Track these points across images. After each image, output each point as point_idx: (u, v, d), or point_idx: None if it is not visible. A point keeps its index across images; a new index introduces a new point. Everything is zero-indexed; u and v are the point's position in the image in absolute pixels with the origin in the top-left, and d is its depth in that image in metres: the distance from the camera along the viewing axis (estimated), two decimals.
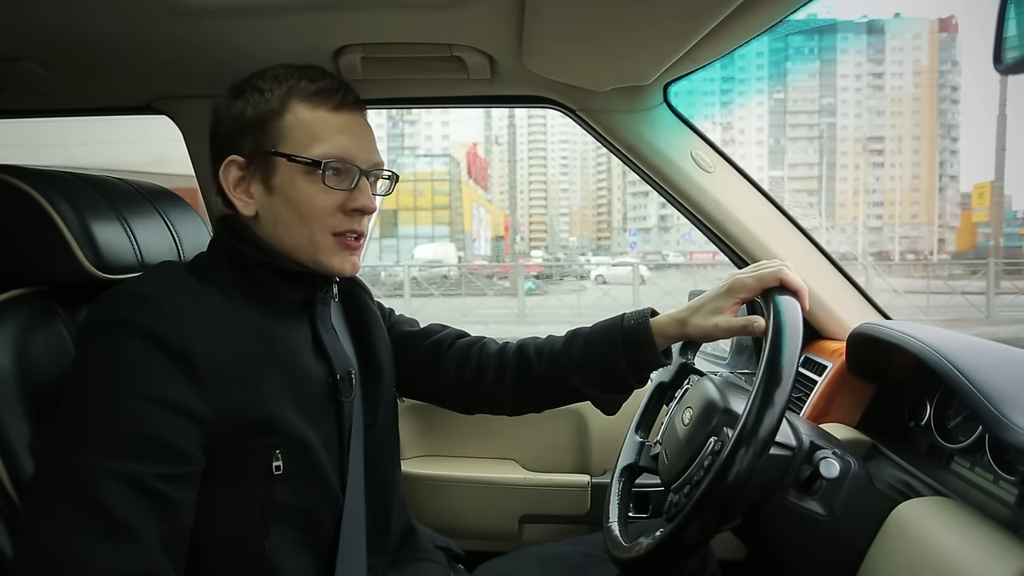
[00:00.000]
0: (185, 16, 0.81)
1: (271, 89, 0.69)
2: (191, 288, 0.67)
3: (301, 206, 0.69)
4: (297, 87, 0.69)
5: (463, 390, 0.89)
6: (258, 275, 0.70)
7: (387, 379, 0.83)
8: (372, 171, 0.72)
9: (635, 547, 0.70)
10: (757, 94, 70.51)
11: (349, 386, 0.75)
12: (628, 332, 0.81)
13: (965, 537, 0.62)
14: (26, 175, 0.72)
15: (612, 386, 0.83)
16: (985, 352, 0.76)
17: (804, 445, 0.70)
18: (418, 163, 43.41)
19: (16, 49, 0.91)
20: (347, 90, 0.71)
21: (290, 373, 0.68)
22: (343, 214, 0.70)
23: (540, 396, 0.89)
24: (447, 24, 0.87)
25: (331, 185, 0.68)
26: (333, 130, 0.69)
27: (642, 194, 69.39)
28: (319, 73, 0.71)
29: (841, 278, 1.12)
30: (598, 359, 0.82)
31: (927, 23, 62.95)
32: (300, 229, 0.69)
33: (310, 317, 0.74)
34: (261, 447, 0.65)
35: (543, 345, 0.87)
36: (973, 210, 36.86)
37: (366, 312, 0.85)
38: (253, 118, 0.69)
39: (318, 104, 0.69)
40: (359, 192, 0.70)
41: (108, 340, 0.61)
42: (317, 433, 0.69)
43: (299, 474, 0.67)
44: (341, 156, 0.69)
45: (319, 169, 0.67)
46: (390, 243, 35.18)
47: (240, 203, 0.71)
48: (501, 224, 53.66)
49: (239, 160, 0.70)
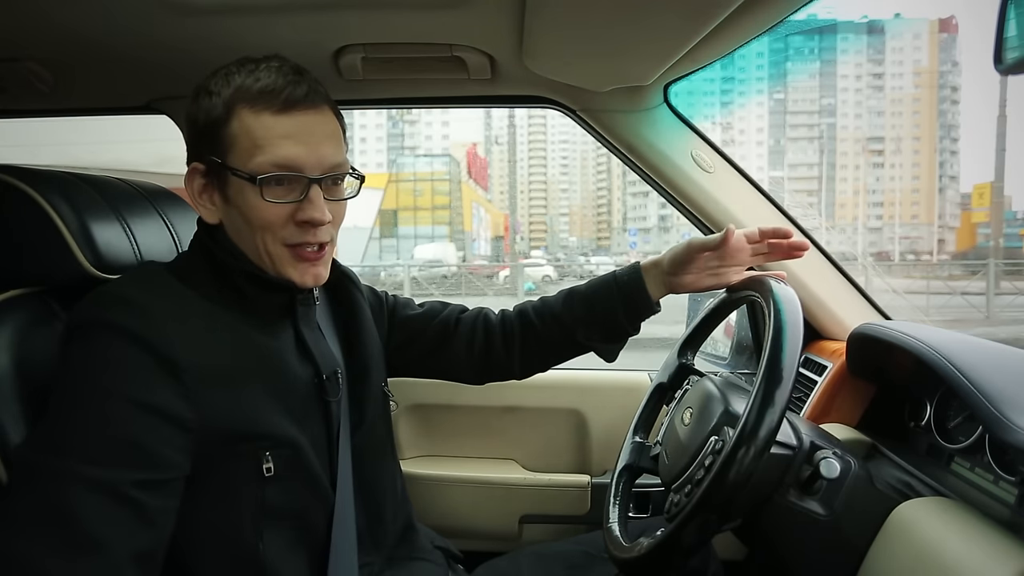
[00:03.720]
0: (185, 16, 0.81)
1: (219, 92, 0.65)
2: (175, 292, 0.66)
3: (250, 218, 0.66)
4: (242, 88, 0.64)
5: (474, 364, 0.92)
6: (237, 281, 0.68)
7: (374, 376, 0.83)
8: (327, 176, 0.67)
9: (635, 547, 0.70)
10: (757, 94, 70.60)
11: (336, 385, 0.74)
12: (623, 286, 0.86)
13: (965, 537, 0.62)
14: (25, 175, 0.72)
15: (613, 337, 0.89)
16: (985, 352, 0.76)
17: (804, 445, 0.70)
18: (418, 163, 43.39)
19: (16, 49, 0.91)
20: (296, 85, 0.65)
21: (275, 376, 0.67)
22: (294, 225, 0.66)
23: (548, 355, 0.93)
24: (447, 24, 0.87)
25: (272, 199, 0.64)
26: (277, 136, 0.64)
27: (642, 194, 69.39)
28: (267, 68, 0.65)
29: (841, 278, 1.12)
30: (600, 314, 0.87)
31: (927, 23, 62.95)
32: (255, 241, 0.67)
33: (292, 320, 0.73)
34: (250, 450, 0.64)
35: (541, 307, 0.92)
36: (973, 210, 36.95)
37: (354, 307, 0.84)
38: (204, 125, 0.66)
39: (261, 108, 0.64)
40: (308, 203, 0.65)
41: (90, 342, 0.59)
42: (305, 434, 0.69)
43: (289, 475, 0.67)
44: (284, 164, 0.64)
45: (255, 183, 0.64)
46: (390, 243, 35.19)
47: (204, 211, 0.69)
48: (501, 224, 53.69)
49: (200, 167, 0.68)
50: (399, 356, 0.92)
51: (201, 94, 0.67)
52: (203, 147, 0.67)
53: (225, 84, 0.65)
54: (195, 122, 0.67)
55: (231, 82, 0.65)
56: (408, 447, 1.30)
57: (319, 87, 0.68)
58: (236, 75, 0.65)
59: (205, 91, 0.66)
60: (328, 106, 0.68)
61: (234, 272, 0.68)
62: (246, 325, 0.68)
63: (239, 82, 0.65)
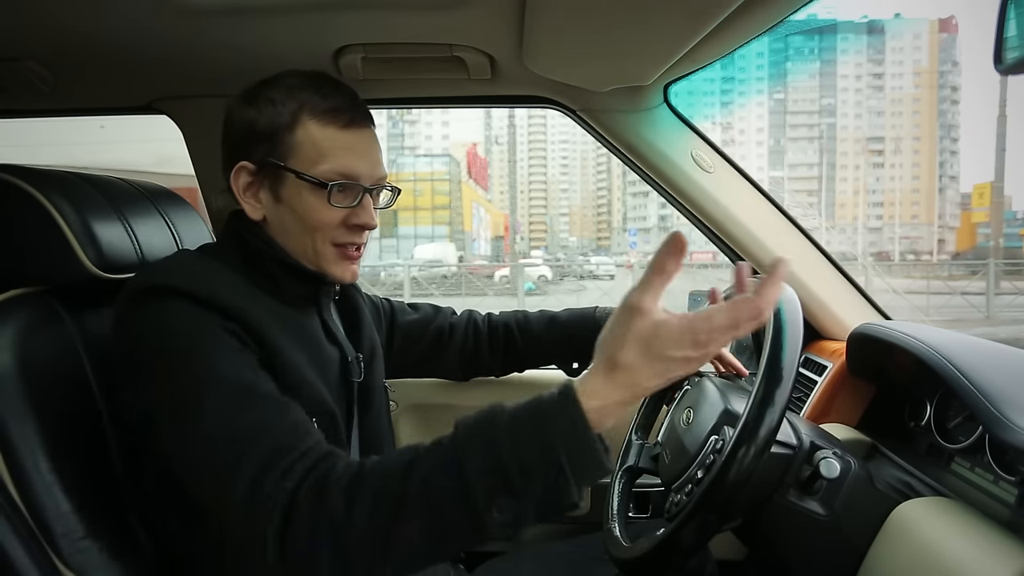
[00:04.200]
0: (185, 16, 0.81)
1: (283, 102, 0.70)
2: (216, 269, 0.70)
3: (306, 218, 0.71)
4: (309, 103, 0.70)
5: (463, 364, 1.06)
6: (270, 269, 0.73)
7: (376, 369, 0.88)
8: (376, 187, 0.75)
9: (635, 547, 0.70)
10: (757, 94, 70.55)
11: (359, 368, 0.81)
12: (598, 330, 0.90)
13: (965, 537, 0.62)
14: (27, 175, 0.72)
15: (581, 363, 1.03)
16: (985, 352, 0.76)
17: (804, 445, 0.71)
18: (418, 163, 43.38)
19: (16, 49, 0.91)
20: (358, 107, 0.73)
21: (315, 350, 0.74)
22: (345, 228, 0.73)
23: (523, 366, 1.10)
24: (447, 24, 0.87)
25: (335, 203, 0.71)
26: (341, 148, 0.71)
27: (642, 194, 69.38)
28: (331, 88, 0.72)
29: (841, 278, 1.12)
30: (574, 347, 1.02)
31: (927, 23, 62.94)
32: (304, 238, 0.73)
33: (316, 308, 0.79)
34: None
35: (524, 327, 1.05)
36: (973, 210, 36.93)
37: (357, 309, 0.90)
38: (264, 129, 0.71)
39: (328, 122, 0.70)
40: (362, 209, 0.73)
41: (161, 308, 0.63)
42: (338, 407, 0.74)
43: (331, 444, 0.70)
44: (347, 174, 0.71)
45: (325, 188, 0.70)
46: (390, 243, 35.16)
47: (249, 207, 0.73)
48: (501, 224, 53.63)
49: (249, 167, 0.72)
50: (399, 359, 1.00)
51: (260, 99, 0.71)
52: (258, 149, 0.71)
53: (288, 96, 0.71)
54: (250, 124, 0.71)
55: (295, 95, 0.71)
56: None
57: (368, 111, 0.75)
58: (299, 91, 0.71)
59: (266, 99, 0.71)
60: (373, 125, 0.76)
61: (267, 259, 0.73)
62: (280, 307, 0.73)
63: (304, 97, 0.71)
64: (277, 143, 0.70)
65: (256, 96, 0.72)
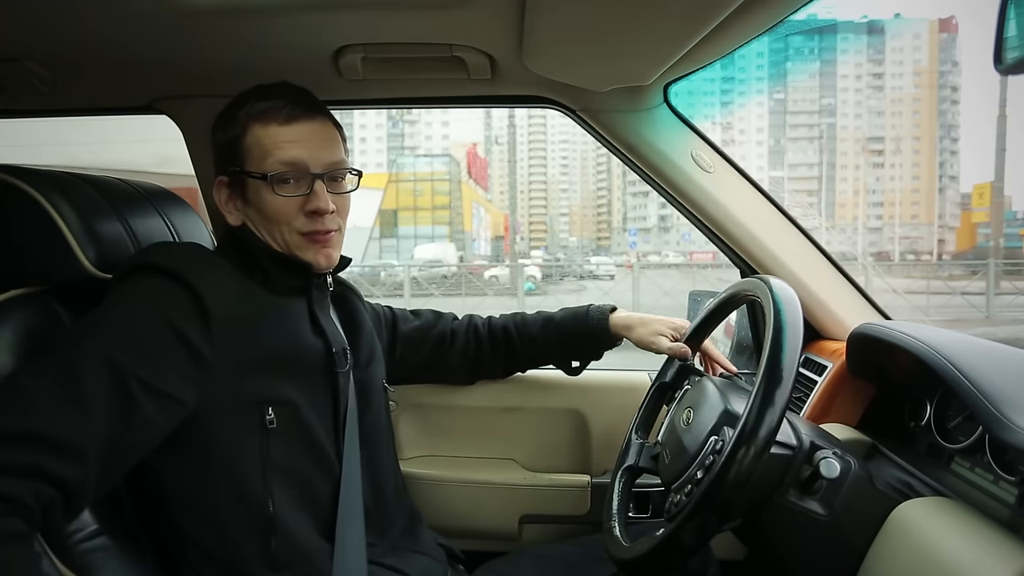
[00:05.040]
0: (185, 16, 0.81)
1: (235, 115, 0.78)
2: (209, 257, 0.78)
3: (266, 212, 0.78)
4: (252, 109, 0.77)
5: (467, 368, 1.10)
6: (262, 262, 0.79)
7: (376, 369, 0.91)
8: (328, 172, 0.79)
9: (635, 547, 0.70)
10: (757, 94, 70.54)
11: (344, 360, 0.83)
12: (592, 328, 1.04)
13: (965, 537, 0.62)
14: (26, 175, 0.72)
15: (580, 361, 1.10)
16: (985, 352, 0.76)
17: (804, 445, 0.70)
18: (418, 163, 43.34)
19: (16, 49, 0.91)
20: (297, 102, 0.78)
21: (289, 339, 0.77)
22: (304, 216, 0.78)
23: (523, 366, 1.15)
24: (447, 24, 0.87)
25: (281, 193, 0.77)
26: (284, 142, 0.77)
27: (642, 194, 69.30)
28: (271, 90, 0.78)
29: (841, 278, 1.12)
30: (568, 346, 1.07)
31: (927, 23, 62.92)
32: (273, 231, 0.79)
33: (307, 300, 0.82)
34: (255, 400, 0.72)
35: (522, 328, 1.08)
36: (973, 210, 36.95)
37: (356, 315, 0.93)
38: (224, 143, 0.79)
39: (268, 121, 0.77)
40: (314, 195, 0.78)
41: (138, 278, 0.71)
42: (307, 398, 0.76)
43: (291, 433, 0.75)
44: (290, 163, 0.77)
45: (267, 180, 0.76)
46: (390, 243, 35.15)
47: (229, 216, 0.82)
48: (501, 224, 53.62)
49: (224, 180, 0.81)
50: (403, 366, 1.03)
51: (222, 119, 0.80)
52: (225, 161, 0.80)
53: (240, 108, 0.79)
54: (217, 143, 0.81)
55: (244, 106, 0.78)
56: (408, 447, 1.30)
57: (317, 103, 0.81)
58: (246, 101, 0.78)
59: (226, 116, 0.80)
60: (325, 116, 0.81)
61: (258, 252, 0.80)
62: (269, 296, 0.78)
63: (249, 105, 0.78)
64: (235, 152, 0.78)
65: (221, 117, 0.81)
